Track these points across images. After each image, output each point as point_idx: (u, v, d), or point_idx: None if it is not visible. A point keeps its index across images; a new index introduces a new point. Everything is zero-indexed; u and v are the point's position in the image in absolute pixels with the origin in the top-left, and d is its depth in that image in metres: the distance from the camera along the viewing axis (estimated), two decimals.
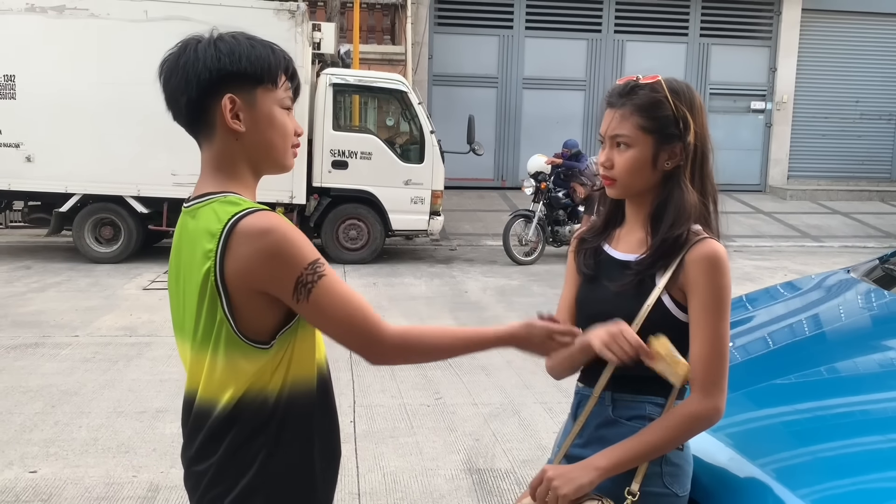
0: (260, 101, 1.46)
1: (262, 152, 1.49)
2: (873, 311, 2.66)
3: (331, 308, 1.42)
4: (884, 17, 16.18)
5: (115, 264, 9.22)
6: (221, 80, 1.43)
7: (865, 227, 13.61)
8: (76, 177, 9.08)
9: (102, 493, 3.55)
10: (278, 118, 1.49)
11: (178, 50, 1.47)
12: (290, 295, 1.40)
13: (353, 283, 8.44)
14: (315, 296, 1.40)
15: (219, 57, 1.43)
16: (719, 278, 1.58)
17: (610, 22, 15.56)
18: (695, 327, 1.59)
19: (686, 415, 1.57)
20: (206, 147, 1.50)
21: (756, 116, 16.33)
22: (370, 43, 14.29)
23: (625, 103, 1.63)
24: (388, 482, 3.71)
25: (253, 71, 1.45)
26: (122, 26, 8.83)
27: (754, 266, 10.01)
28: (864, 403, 2.03)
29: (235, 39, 1.47)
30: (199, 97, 1.44)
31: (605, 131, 1.66)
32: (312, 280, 1.40)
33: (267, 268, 1.38)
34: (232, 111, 1.44)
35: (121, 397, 4.78)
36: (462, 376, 5.32)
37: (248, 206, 1.42)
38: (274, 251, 1.38)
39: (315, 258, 1.42)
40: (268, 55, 1.47)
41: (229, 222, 1.38)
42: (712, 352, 1.58)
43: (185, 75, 1.44)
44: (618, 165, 1.64)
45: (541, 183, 10.03)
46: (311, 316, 1.44)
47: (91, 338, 6.10)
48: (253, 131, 1.46)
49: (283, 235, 1.38)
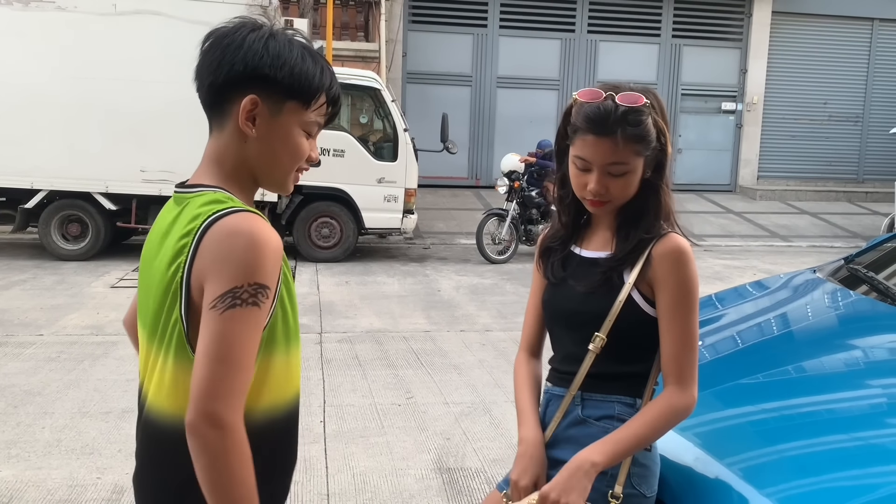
0: (284, 115, 1.36)
1: (265, 165, 1.39)
2: (838, 311, 2.69)
3: (229, 340, 1.23)
4: (852, 21, 16.43)
5: (83, 262, 9.07)
6: (253, 78, 1.33)
7: (833, 228, 13.82)
8: (42, 172, 8.91)
9: (65, 495, 3.48)
10: (294, 139, 1.38)
11: (232, 28, 1.37)
12: (212, 298, 1.25)
13: (325, 282, 8.40)
14: (231, 315, 1.24)
15: (262, 55, 1.33)
16: (686, 272, 1.60)
17: (583, 22, 15.63)
18: (666, 322, 1.60)
19: (665, 407, 1.58)
20: (215, 136, 1.40)
21: (727, 117, 16.50)
22: (344, 40, 14.20)
23: (618, 132, 1.56)
24: (358, 482, 3.68)
25: (290, 83, 1.34)
26: (91, 20, 8.67)
27: (724, 265, 10.11)
28: (829, 402, 2.05)
29: (290, 44, 1.36)
30: (224, 85, 1.34)
31: (594, 159, 1.59)
32: (245, 300, 1.24)
33: (218, 265, 1.26)
34: (249, 113, 1.34)
35: (86, 397, 4.69)
36: (434, 375, 5.30)
37: (232, 205, 1.32)
38: (236, 251, 1.26)
39: (265, 283, 1.27)
40: (314, 74, 1.36)
41: (207, 220, 1.29)
42: (685, 346, 1.59)
43: (222, 57, 1.34)
44: (613, 191, 1.61)
45: (514, 182, 10.04)
46: (205, 331, 1.25)
47: (56, 337, 5.99)
48: (263, 141, 1.36)
49: (255, 242, 1.26)
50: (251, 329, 1.26)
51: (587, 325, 1.65)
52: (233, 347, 1.24)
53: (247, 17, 1.39)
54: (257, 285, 1.26)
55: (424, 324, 6.76)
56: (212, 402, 1.22)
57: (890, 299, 2.54)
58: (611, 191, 1.61)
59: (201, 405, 1.22)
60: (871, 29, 16.60)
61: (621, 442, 1.56)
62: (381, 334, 6.34)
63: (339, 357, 5.68)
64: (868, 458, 1.72)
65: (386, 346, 5.99)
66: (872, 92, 16.79)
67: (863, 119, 16.88)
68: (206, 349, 1.24)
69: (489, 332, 6.52)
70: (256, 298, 1.26)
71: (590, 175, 1.61)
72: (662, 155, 1.64)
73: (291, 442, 1.46)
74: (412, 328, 6.58)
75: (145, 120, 8.56)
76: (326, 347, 5.90)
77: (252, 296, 1.25)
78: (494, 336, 6.40)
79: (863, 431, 1.85)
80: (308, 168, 1.45)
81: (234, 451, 1.24)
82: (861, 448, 1.78)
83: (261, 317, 1.28)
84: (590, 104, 1.59)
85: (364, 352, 5.82)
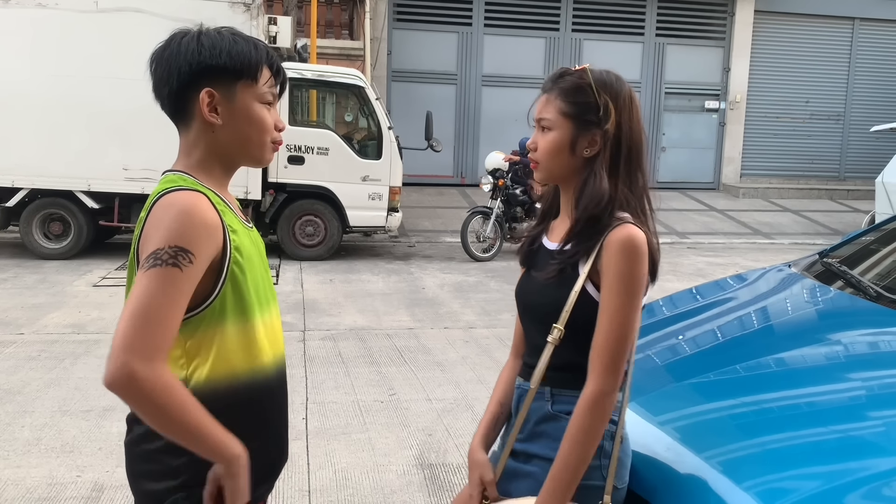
0: (239, 96, 1.49)
1: (237, 145, 1.52)
2: (813, 305, 2.71)
3: (146, 295, 1.31)
4: (833, 20, 16.57)
5: (65, 261, 9.00)
6: (201, 74, 1.46)
7: (815, 225, 13.93)
8: (23, 170, 8.83)
9: (45, 493, 3.45)
10: (256, 113, 1.51)
11: (165, 42, 1.50)
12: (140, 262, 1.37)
13: (309, 280, 8.38)
14: (150, 273, 1.32)
15: (199, 51, 1.46)
16: (630, 263, 1.56)
17: (568, 21, 15.67)
18: (601, 309, 1.58)
19: (586, 401, 1.55)
20: (184, 134, 1.52)
21: (710, 115, 16.60)
22: (328, 38, 14.17)
23: (552, 88, 1.67)
24: (339, 479, 3.68)
25: (233, 65, 1.47)
26: (72, 17, 8.60)
27: (707, 262, 10.16)
28: (807, 396, 2.06)
29: (219, 34, 1.49)
30: (180, 89, 1.47)
31: (533, 115, 1.71)
32: (165, 260, 1.32)
33: (149, 232, 1.38)
34: (210, 105, 1.47)
35: (66, 396, 4.66)
36: (417, 372, 5.30)
37: (182, 184, 1.44)
38: (163, 219, 1.38)
39: (187, 248, 1.34)
40: (249, 50, 1.49)
41: (157, 196, 1.42)
42: (612, 335, 1.56)
43: (168, 67, 1.47)
44: (540, 147, 1.68)
45: (498, 180, 10.05)
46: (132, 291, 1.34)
47: (37, 335, 5.94)
48: (230, 125, 1.49)
49: (183, 211, 1.37)
50: (168, 287, 1.32)
51: (547, 317, 1.65)
52: (149, 304, 1.31)
53: (176, 29, 1.51)
54: (178, 248, 1.34)
55: (408, 321, 6.75)
56: (124, 355, 1.27)
57: (861, 292, 2.57)
58: (539, 148, 1.68)
59: (116, 360, 1.28)
60: (852, 28, 16.75)
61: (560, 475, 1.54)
62: (364, 332, 6.33)
63: (322, 354, 5.67)
64: (847, 451, 1.73)
65: (369, 344, 5.98)
66: (853, 91, 16.94)
67: (844, 117, 17.03)
68: (126, 306, 1.33)
69: (473, 330, 6.52)
70: (176, 260, 1.34)
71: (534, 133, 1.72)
72: (604, 133, 1.63)
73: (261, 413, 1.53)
74: (396, 326, 6.57)
75: (128, 118, 8.48)
76: (310, 345, 5.88)
77: (172, 257, 1.33)
78: (478, 333, 6.41)
79: (841, 424, 1.85)
80: (281, 140, 1.57)
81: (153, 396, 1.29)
82: (840, 440, 1.79)
83: (180, 279, 1.34)
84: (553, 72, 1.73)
85: (347, 349, 5.81)
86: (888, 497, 1.56)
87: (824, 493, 1.56)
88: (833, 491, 1.57)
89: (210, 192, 1.46)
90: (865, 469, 1.64)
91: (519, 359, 1.85)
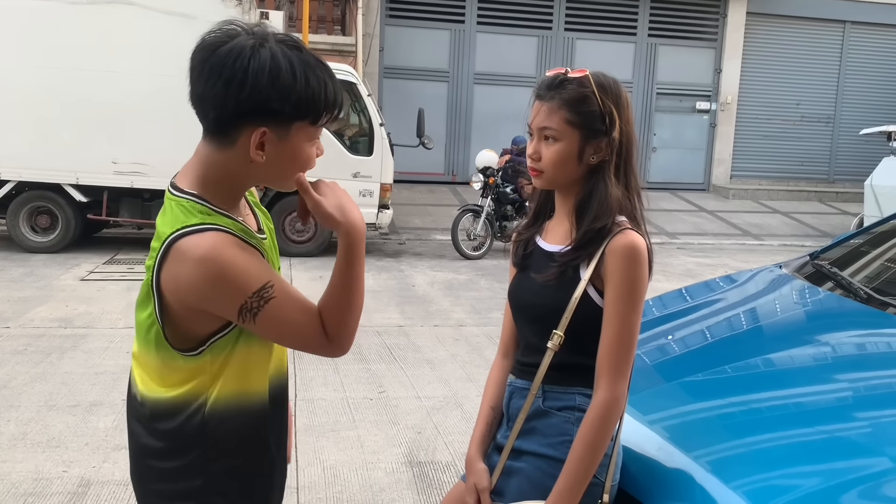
0: (293, 137, 1.35)
1: (270, 178, 1.40)
2: (803, 306, 2.72)
3: (279, 327, 1.40)
4: (824, 23, 16.65)
5: (52, 254, 8.93)
6: (263, 113, 1.30)
7: (804, 227, 14.00)
8: (10, 163, 8.74)
9: (30, 488, 3.43)
10: (304, 154, 1.38)
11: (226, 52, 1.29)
12: (234, 317, 1.36)
13: (299, 277, 8.35)
14: (262, 319, 1.36)
15: (269, 92, 1.28)
16: (635, 269, 1.59)
17: (560, 19, 15.68)
18: (606, 316, 1.60)
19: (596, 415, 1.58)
20: (214, 150, 1.36)
21: (701, 116, 16.65)
22: (320, 33, 14.11)
23: (553, 97, 1.64)
24: (328, 476, 3.67)
25: (297, 110, 1.32)
26: (62, 8, 8.52)
27: (696, 263, 10.19)
28: (794, 397, 2.06)
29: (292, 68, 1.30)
30: (232, 119, 1.31)
31: (533, 124, 1.67)
32: (258, 306, 1.35)
33: (206, 294, 1.32)
34: (258, 143, 1.33)
35: (53, 390, 4.62)
36: (406, 370, 5.29)
37: (197, 221, 1.33)
38: (213, 280, 1.31)
39: (260, 286, 1.34)
40: (320, 93, 1.33)
41: (172, 235, 1.32)
42: (621, 342, 1.59)
43: (226, 92, 1.28)
44: (545, 158, 1.65)
45: (489, 178, 10.05)
46: (259, 333, 1.41)
47: (23, 329, 5.89)
48: (273, 162, 1.35)
49: (224, 265, 1.30)
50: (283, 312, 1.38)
51: (545, 318, 1.66)
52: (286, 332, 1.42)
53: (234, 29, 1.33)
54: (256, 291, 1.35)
55: (398, 319, 6.74)
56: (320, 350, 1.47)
57: (851, 294, 2.58)
58: (543, 158, 1.65)
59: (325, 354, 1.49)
60: (843, 31, 16.83)
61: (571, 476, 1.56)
62: None
63: None
64: (835, 451, 1.74)
65: (359, 341, 5.97)
66: (844, 93, 17.03)
67: (834, 120, 17.12)
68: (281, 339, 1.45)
69: (463, 328, 6.52)
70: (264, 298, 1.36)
71: (531, 142, 1.69)
72: (610, 141, 1.64)
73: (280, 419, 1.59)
74: (386, 323, 6.56)
75: (118, 111, 8.43)
76: None
77: (260, 299, 1.35)
78: (468, 331, 6.40)
79: (829, 425, 1.86)
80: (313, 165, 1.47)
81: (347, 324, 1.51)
82: (828, 441, 1.79)
83: (284, 296, 1.38)
84: (546, 77, 1.69)
85: None
86: (877, 497, 1.57)
87: (813, 494, 1.57)
88: (821, 492, 1.57)
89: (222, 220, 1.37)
90: (854, 470, 1.65)
91: (507, 359, 1.85)
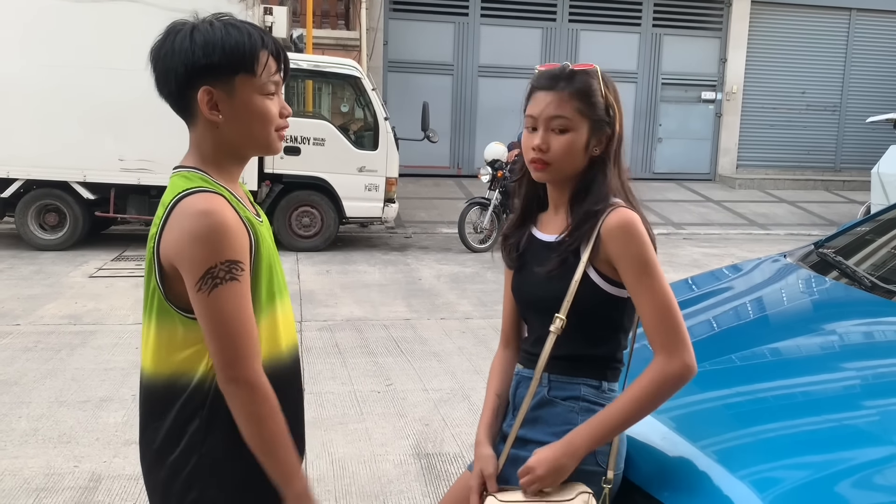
0: (238, 90, 1.44)
1: (242, 139, 1.49)
2: (809, 294, 2.72)
3: (223, 315, 1.38)
4: (829, 11, 16.55)
5: (61, 252, 8.97)
6: (197, 73, 1.42)
7: (810, 216, 13.95)
8: (19, 161, 8.78)
9: (42, 483, 3.46)
10: (258, 106, 1.46)
11: (161, 39, 1.46)
12: (194, 281, 1.37)
13: (306, 271, 8.38)
14: (216, 294, 1.37)
15: (193, 50, 1.41)
16: (637, 243, 1.59)
17: (564, 11, 15.62)
18: (636, 296, 1.60)
19: (651, 379, 1.57)
20: (192, 130, 1.51)
21: (706, 106, 16.59)
22: (324, 28, 14.10)
23: (564, 87, 1.63)
24: (337, 468, 3.69)
25: (228, 61, 1.42)
26: (67, 6, 8.54)
27: (703, 253, 10.18)
28: (800, 385, 2.07)
29: (212, 28, 1.43)
30: (179, 90, 1.44)
31: (540, 114, 1.65)
32: (223, 277, 1.37)
33: (188, 248, 1.38)
34: (209, 102, 1.44)
35: (63, 386, 4.66)
36: (413, 362, 5.32)
37: (198, 184, 1.43)
38: (200, 234, 1.37)
39: (237, 258, 1.39)
40: (243, 42, 1.43)
41: (176, 197, 1.41)
42: (661, 312, 1.58)
43: (165, 68, 1.44)
44: (554, 149, 1.64)
45: (497, 171, 10.04)
46: (201, 312, 1.39)
47: (33, 326, 5.93)
48: (232, 120, 1.45)
49: (217, 222, 1.38)
50: (238, 300, 1.40)
51: (553, 308, 1.66)
52: (229, 322, 1.39)
53: (172, 23, 1.47)
54: (229, 262, 1.38)
55: (405, 312, 6.76)
56: (229, 370, 1.40)
57: (856, 282, 2.58)
58: (552, 149, 1.63)
59: (223, 374, 1.40)
60: (849, 19, 16.73)
61: (607, 421, 1.57)
62: (361, 322, 6.34)
63: (318, 345, 5.67)
64: (841, 440, 1.74)
65: (366, 334, 5.99)
66: (850, 81, 16.94)
67: (840, 108, 17.04)
68: (208, 329, 1.39)
69: (469, 320, 6.54)
70: (232, 274, 1.38)
71: (536, 134, 1.66)
72: (612, 132, 1.66)
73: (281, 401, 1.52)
74: (392, 316, 6.58)
75: (123, 108, 8.44)
76: (307, 336, 5.89)
77: (227, 272, 1.38)
78: (474, 324, 6.42)
79: (836, 413, 1.86)
80: (287, 125, 1.54)
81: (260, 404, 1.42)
82: (834, 429, 1.80)
83: (243, 288, 1.40)
84: (546, 69, 1.68)
85: (344, 340, 5.82)
86: (881, 485, 1.57)
87: (818, 482, 1.57)
88: (827, 479, 1.58)
89: (223, 190, 1.46)
90: (859, 457, 1.65)
91: (509, 349, 1.86)
